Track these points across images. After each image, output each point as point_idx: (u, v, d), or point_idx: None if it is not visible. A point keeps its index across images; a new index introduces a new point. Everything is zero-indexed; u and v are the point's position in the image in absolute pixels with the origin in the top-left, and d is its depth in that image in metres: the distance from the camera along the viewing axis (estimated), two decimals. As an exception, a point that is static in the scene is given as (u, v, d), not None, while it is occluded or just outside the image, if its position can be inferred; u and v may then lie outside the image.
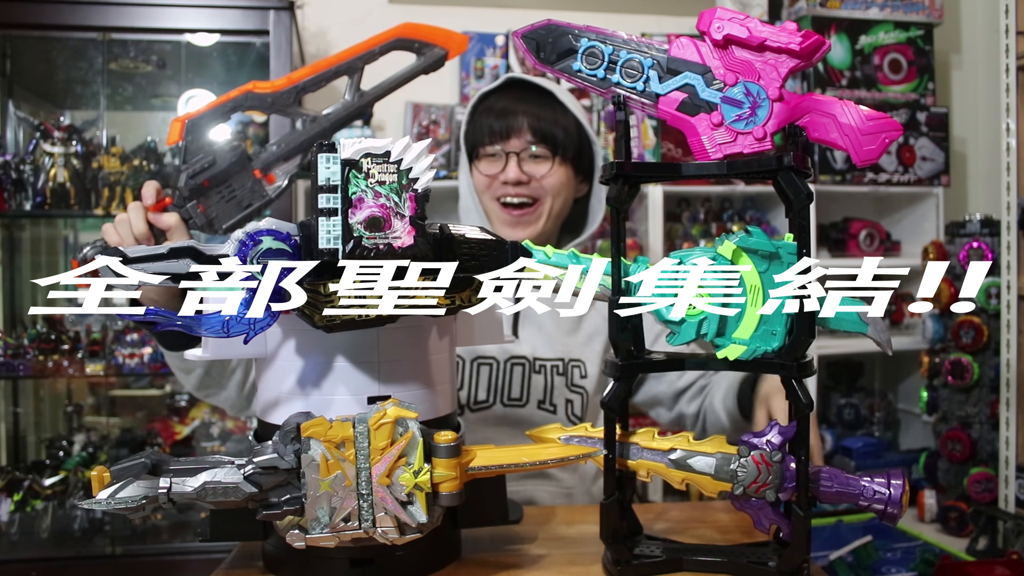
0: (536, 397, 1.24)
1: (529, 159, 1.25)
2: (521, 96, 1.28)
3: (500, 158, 1.26)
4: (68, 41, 2.22)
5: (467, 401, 1.23)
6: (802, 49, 0.71)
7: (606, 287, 0.77)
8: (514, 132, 1.24)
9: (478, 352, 1.24)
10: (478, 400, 1.23)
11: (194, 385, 1.15)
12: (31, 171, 2.11)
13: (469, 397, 1.23)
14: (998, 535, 2.03)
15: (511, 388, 1.24)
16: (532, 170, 1.25)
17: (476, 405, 1.23)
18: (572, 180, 1.29)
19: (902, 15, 2.54)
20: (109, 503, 0.65)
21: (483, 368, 1.24)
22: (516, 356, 1.25)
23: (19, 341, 2.12)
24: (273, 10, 2.08)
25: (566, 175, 1.27)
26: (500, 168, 1.25)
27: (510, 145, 1.25)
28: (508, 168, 1.24)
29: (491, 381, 1.24)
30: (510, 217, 1.26)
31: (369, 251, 0.65)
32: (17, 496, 2.04)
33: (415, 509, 0.69)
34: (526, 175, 1.24)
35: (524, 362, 1.25)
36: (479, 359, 1.24)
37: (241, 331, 0.67)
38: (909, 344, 2.43)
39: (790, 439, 0.74)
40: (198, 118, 1.06)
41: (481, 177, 1.28)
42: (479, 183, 1.29)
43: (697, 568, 0.79)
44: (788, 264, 0.72)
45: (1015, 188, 2.02)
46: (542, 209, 1.26)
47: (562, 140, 1.25)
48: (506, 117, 1.25)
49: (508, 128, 1.25)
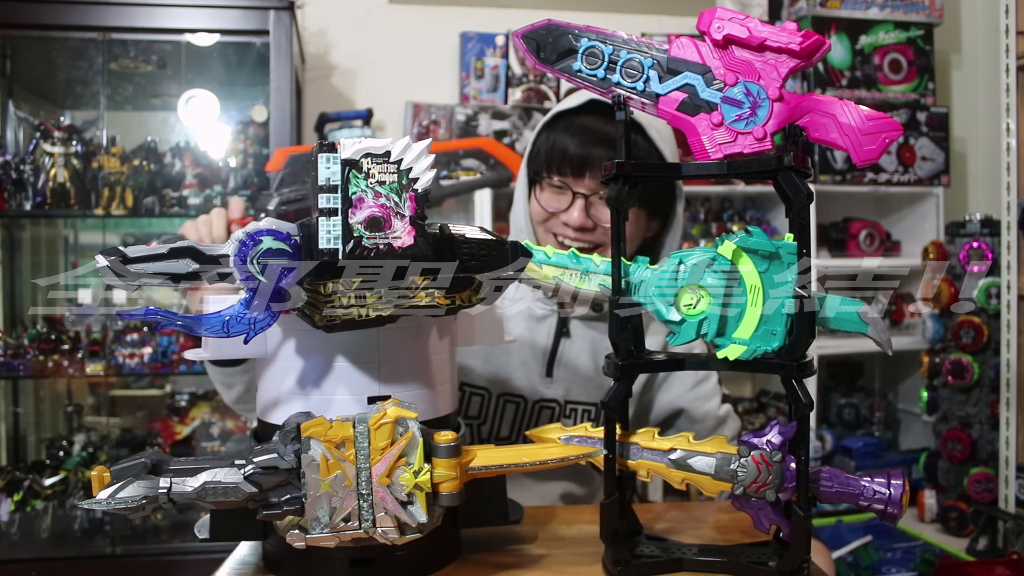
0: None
1: (598, 201, 1.09)
2: (607, 123, 1.08)
3: (566, 193, 1.10)
4: (68, 41, 2.22)
5: (489, 435, 1.17)
6: (802, 49, 0.71)
7: (606, 287, 0.77)
8: (589, 170, 1.08)
9: (506, 388, 1.17)
10: (500, 436, 1.17)
11: (233, 399, 1.13)
12: (31, 171, 2.11)
13: (492, 432, 1.17)
14: (998, 535, 2.03)
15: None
16: (600, 215, 1.09)
17: (498, 441, 1.17)
18: (644, 222, 1.14)
19: (902, 15, 2.54)
20: (109, 503, 0.65)
21: (509, 405, 1.16)
22: (546, 399, 1.17)
23: (19, 341, 2.12)
24: (273, 10, 2.08)
25: (638, 223, 1.12)
26: (564, 207, 1.10)
27: (581, 185, 1.09)
28: (573, 210, 1.09)
29: (515, 420, 1.17)
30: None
31: (369, 251, 0.65)
32: (17, 496, 2.04)
33: (415, 509, 0.69)
34: (591, 221, 1.09)
35: (555, 406, 1.17)
36: (506, 396, 1.16)
37: (241, 331, 0.67)
38: (909, 344, 2.43)
39: (790, 439, 0.74)
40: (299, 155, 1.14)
41: (540, 209, 1.14)
42: (536, 214, 1.15)
43: (697, 568, 0.79)
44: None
45: (1015, 188, 2.02)
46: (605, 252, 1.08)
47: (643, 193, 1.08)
48: (583, 148, 1.08)
49: (583, 164, 1.08)
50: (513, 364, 1.18)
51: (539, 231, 1.17)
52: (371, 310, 0.68)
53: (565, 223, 1.11)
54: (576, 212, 1.10)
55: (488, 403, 1.17)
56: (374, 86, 2.62)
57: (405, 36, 2.65)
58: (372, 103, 2.51)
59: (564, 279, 0.79)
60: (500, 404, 1.17)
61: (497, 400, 1.17)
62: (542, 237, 1.17)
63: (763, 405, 2.57)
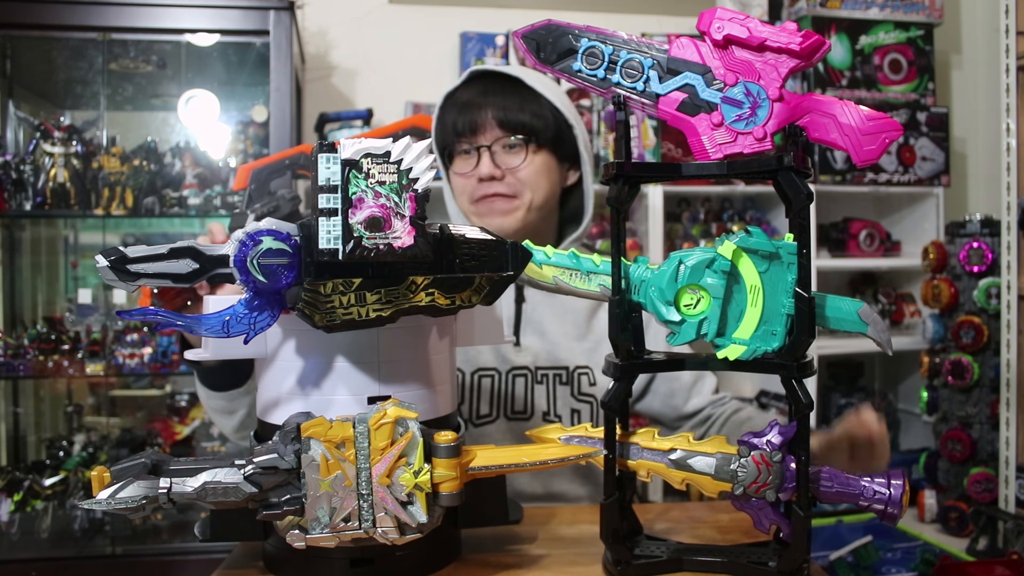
0: (540, 409, 1.20)
1: (502, 151, 1.19)
2: (486, 88, 1.21)
3: (472, 155, 1.20)
4: (68, 41, 2.22)
5: (469, 416, 1.18)
6: (802, 49, 0.71)
7: (606, 287, 0.77)
8: (480, 126, 1.18)
9: (478, 364, 1.19)
10: (481, 414, 1.19)
11: (235, 426, 1.10)
12: (31, 171, 2.11)
13: (471, 411, 1.18)
14: (998, 535, 2.03)
15: (514, 401, 1.19)
16: (506, 162, 1.19)
17: (479, 420, 1.18)
18: (554, 167, 1.23)
19: (902, 15, 2.54)
20: (109, 503, 0.65)
21: (484, 380, 1.19)
22: (517, 367, 1.20)
23: (19, 341, 2.12)
24: (273, 10, 2.08)
25: (544, 163, 1.20)
26: (473, 165, 1.20)
27: (479, 140, 1.19)
28: (481, 163, 1.18)
29: (493, 393, 1.19)
30: (486, 207, 1.20)
31: (369, 251, 0.65)
32: (17, 496, 2.04)
33: (415, 509, 0.69)
34: (500, 169, 1.18)
35: (526, 372, 1.20)
36: (479, 371, 1.19)
37: (241, 331, 0.67)
38: (909, 344, 2.43)
39: (790, 439, 0.74)
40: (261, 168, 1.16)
41: (457, 179, 1.23)
42: (457, 187, 1.24)
43: (697, 568, 0.79)
44: (788, 264, 0.72)
45: (1015, 188, 2.02)
46: (520, 203, 1.19)
47: (533, 127, 1.18)
48: (470, 111, 1.19)
49: (473, 122, 1.18)
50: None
51: (464, 204, 1.24)
52: (371, 310, 0.68)
53: (480, 179, 1.19)
54: (484, 164, 1.18)
55: (464, 382, 1.19)
56: (374, 86, 2.62)
57: (405, 36, 2.65)
58: (372, 103, 2.51)
59: (564, 279, 0.79)
60: (476, 381, 1.19)
61: (472, 377, 1.19)
62: (467, 209, 1.23)
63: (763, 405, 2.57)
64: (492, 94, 1.20)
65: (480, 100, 1.19)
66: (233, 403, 1.08)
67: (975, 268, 2.13)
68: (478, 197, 1.20)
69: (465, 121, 1.19)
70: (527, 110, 1.18)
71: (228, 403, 1.08)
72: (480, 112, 1.18)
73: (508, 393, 1.19)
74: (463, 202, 1.23)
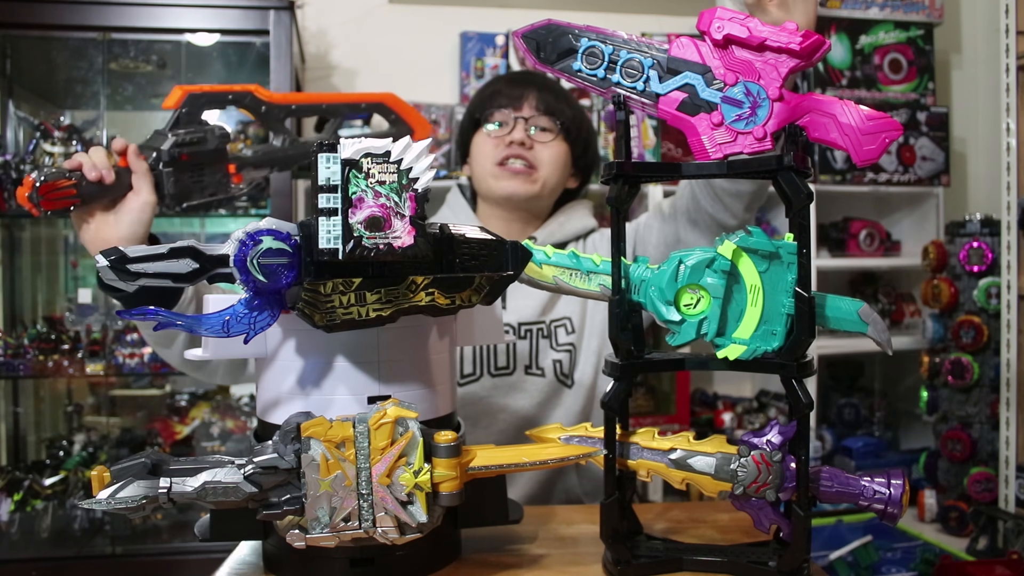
0: (523, 363, 1.25)
1: (535, 130, 1.30)
2: (521, 76, 1.38)
3: (506, 126, 1.30)
4: (68, 41, 2.22)
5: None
6: (802, 49, 0.71)
7: (606, 287, 0.77)
8: (526, 100, 1.30)
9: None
10: (464, 374, 1.23)
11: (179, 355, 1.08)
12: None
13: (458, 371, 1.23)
14: (998, 535, 2.03)
15: (497, 358, 1.24)
16: (536, 137, 1.29)
17: (464, 379, 1.23)
18: (568, 163, 1.34)
19: (902, 15, 2.54)
20: (109, 503, 0.65)
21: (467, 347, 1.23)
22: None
23: (19, 341, 2.12)
24: (273, 10, 2.08)
25: (564, 153, 1.32)
26: (508, 131, 1.29)
27: (520, 111, 1.30)
28: (515, 130, 1.28)
29: (476, 352, 1.24)
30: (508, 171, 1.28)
31: (369, 251, 0.65)
32: (17, 496, 2.04)
33: (415, 509, 0.69)
34: (530, 139, 1.28)
35: (509, 330, 1.25)
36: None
37: (241, 331, 0.67)
38: (909, 344, 2.43)
39: (790, 439, 0.74)
40: (200, 94, 1.09)
41: (486, 140, 1.31)
42: (480, 149, 1.32)
43: (697, 568, 0.79)
44: (788, 264, 0.72)
45: (1015, 188, 2.02)
46: (537, 176, 1.29)
47: (567, 118, 1.31)
48: (518, 87, 1.32)
49: (520, 95, 1.30)
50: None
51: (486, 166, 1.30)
52: (371, 310, 0.68)
53: (510, 142, 1.28)
54: (519, 130, 1.28)
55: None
56: (374, 86, 2.62)
57: (405, 36, 2.65)
58: (372, 103, 2.51)
59: (564, 279, 0.79)
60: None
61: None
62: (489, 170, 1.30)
63: (763, 405, 2.57)
64: (541, 82, 1.33)
65: (529, 81, 1.33)
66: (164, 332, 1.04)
67: (975, 268, 2.13)
68: (502, 157, 1.28)
69: (512, 92, 1.31)
70: (563, 104, 1.32)
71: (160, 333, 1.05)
72: (527, 91, 1.31)
73: (491, 350, 1.24)
74: (485, 165, 1.31)
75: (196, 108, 1.08)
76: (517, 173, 1.27)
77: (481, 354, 1.24)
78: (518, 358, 1.25)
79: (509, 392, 1.23)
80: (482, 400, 1.22)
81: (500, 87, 1.33)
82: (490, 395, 1.23)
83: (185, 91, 1.07)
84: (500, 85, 1.34)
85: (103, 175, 0.95)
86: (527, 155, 1.28)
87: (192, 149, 1.06)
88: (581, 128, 1.35)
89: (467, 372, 1.23)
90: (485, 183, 1.31)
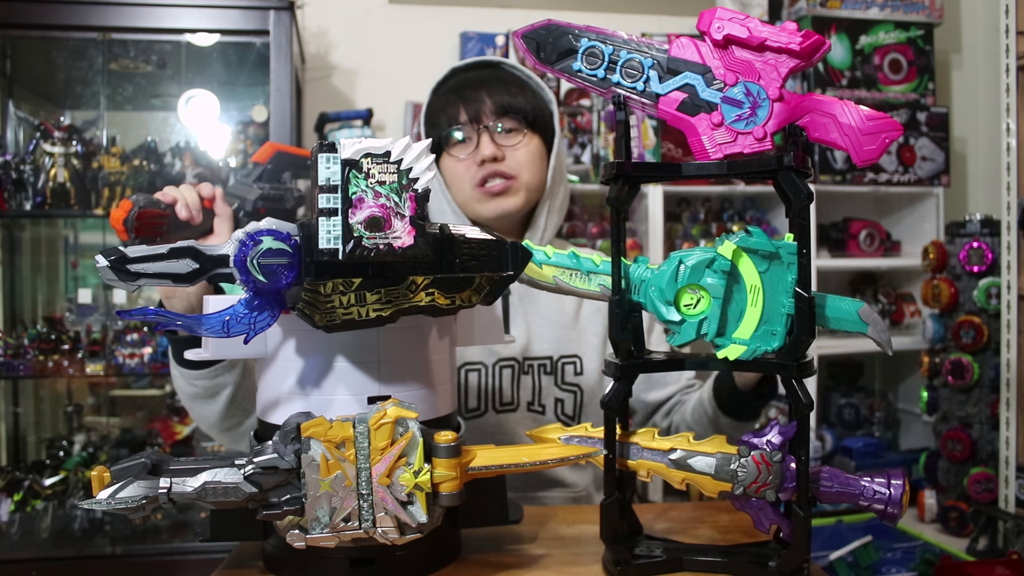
0: (525, 399, 1.21)
1: (499, 134, 1.20)
2: (478, 77, 1.23)
3: (470, 141, 1.20)
4: (68, 41, 2.22)
5: (459, 409, 1.19)
6: (802, 49, 0.71)
7: (606, 287, 0.77)
8: (482, 104, 1.20)
9: (465, 358, 1.20)
10: (469, 408, 1.20)
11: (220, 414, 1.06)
12: (31, 171, 2.11)
13: (460, 406, 1.19)
14: (998, 535, 2.03)
15: (502, 393, 1.20)
16: (504, 142, 1.20)
17: (468, 414, 1.19)
18: (544, 153, 1.25)
19: (902, 15, 2.54)
20: (109, 503, 0.65)
21: (471, 374, 1.20)
22: (504, 358, 1.21)
23: (19, 341, 2.12)
24: (273, 10, 2.08)
25: (537, 148, 1.23)
26: (472, 148, 1.20)
27: (481, 120, 1.20)
28: (482, 145, 1.18)
29: (480, 387, 1.20)
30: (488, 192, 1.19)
31: (369, 251, 0.65)
32: (17, 496, 2.04)
33: (415, 509, 0.69)
34: (500, 149, 1.19)
35: (513, 363, 1.21)
36: (467, 365, 1.19)
37: (241, 331, 0.67)
38: (909, 344, 2.43)
39: (790, 439, 0.74)
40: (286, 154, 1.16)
41: (456, 166, 1.21)
42: (453, 173, 1.22)
43: (697, 568, 0.79)
44: (788, 264, 0.72)
45: (1015, 188, 2.02)
46: (519, 183, 1.20)
47: (528, 109, 1.21)
48: (465, 98, 1.20)
49: (474, 101, 1.20)
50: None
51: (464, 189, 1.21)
52: (371, 310, 0.68)
53: (481, 160, 1.18)
54: (485, 144, 1.18)
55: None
56: (374, 86, 2.62)
57: (405, 36, 2.65)
58: (372, 103, 2.51)
59: (564, 279, 0.79)
60: (463, 376, 1.20)
61: (460, 373, 1.19)
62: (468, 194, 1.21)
63: (763, 405, 2.57)
64: (485, 82, 1.22)
65: (474, 87, 1.21)
66: (216, 380, 1.03)
67: (975, 268, 2.13)
68: (480, 179, 1.19)
69: (462, 108, 1.20)
70: (520, 95, 1.22)
71: (210, 382, 1.03)
72: (477, 96, 1.20)
73: (496, 386, 1.21)
74: (464, 190, 1.21)
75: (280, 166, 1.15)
76: (499, 193, 1.19)
77: (486, 390, 1.20)
78: (521, 394, 1.21)
79: (515, 428, 1.20)
80: (487, 436, 1.18)
81: (451, 98, 1.21)
82: (494, 431, 1.19)
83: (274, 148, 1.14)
84: (451, 96, 1.22)
85: (193, 216, 0.98)
86: (503, 169, 1.18)
87: (271, 205, 1.10)
88: (544, 109, 1.24)
89: (472, 407, 1.20)
90: (470, 208, 1.22)
